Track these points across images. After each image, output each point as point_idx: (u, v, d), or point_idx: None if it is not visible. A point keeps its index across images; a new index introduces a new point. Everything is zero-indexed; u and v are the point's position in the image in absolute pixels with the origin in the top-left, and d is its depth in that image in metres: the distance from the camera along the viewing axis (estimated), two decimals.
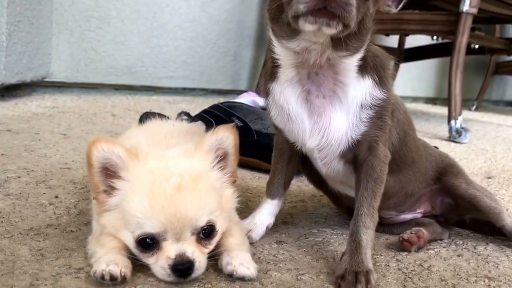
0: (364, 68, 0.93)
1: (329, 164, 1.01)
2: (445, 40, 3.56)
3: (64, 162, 1.50)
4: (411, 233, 1.06)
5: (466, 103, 4.44)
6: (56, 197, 1.18)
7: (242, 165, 1.61)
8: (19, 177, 1.30)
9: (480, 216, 1.17)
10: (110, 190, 0.83)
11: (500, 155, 2.39)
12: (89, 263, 0.83)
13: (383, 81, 0.95)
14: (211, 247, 0.85)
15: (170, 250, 0.80)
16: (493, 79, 5.14)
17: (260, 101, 1.89)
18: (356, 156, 0.98)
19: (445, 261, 1.01)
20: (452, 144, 2.59)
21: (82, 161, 1.51)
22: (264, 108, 1.03)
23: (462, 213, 1.21)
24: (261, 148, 1.57)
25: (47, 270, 0.81)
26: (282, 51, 0.94)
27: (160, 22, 3.30)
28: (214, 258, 0.86)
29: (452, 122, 2.69)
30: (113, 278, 0.77)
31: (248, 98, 1.96)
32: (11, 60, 2.43)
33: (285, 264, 0.94)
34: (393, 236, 1.13)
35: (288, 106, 0.96)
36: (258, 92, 2.10)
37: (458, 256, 1.04)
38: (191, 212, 0.80)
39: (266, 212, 1.09)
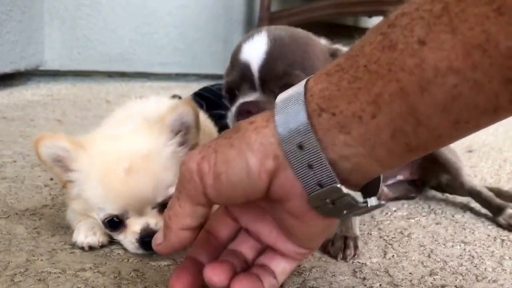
0: None
1: None
2: None
3: None
4: None
5: None
6: (51, 179, 1.21)
7: None
8: (14, 161, 1.34)
9: (443, 171, 1.21)
10: (69, 182, 0.86)
11: (481, 130, 2.43)
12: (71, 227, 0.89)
13: None
14: None
15: (135, 225, 0.83)
16: None
17: None
18: None
19: (424, 228, 1.05)
20: None
21: None
22: None
23: (436, 175, 1.25)
24: None
25: (43, 246, 0.85)
26: None
27: (150, 8, 3.31)
28: None
29: None
30: (91, 248, 0.85)
31: None
32: (4, 49, 2.45)
33: None
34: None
35: None
36: None
37: (437, 224, 1.09)
38: (146, 192, 0.82)
39: None
